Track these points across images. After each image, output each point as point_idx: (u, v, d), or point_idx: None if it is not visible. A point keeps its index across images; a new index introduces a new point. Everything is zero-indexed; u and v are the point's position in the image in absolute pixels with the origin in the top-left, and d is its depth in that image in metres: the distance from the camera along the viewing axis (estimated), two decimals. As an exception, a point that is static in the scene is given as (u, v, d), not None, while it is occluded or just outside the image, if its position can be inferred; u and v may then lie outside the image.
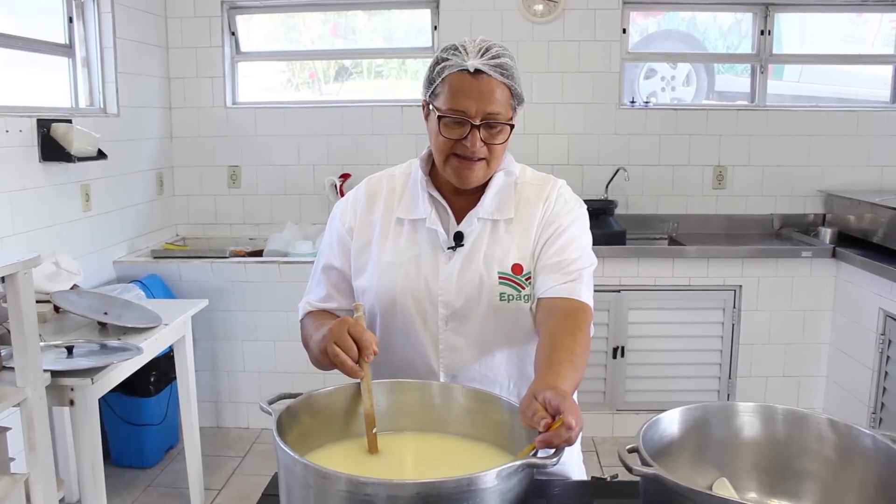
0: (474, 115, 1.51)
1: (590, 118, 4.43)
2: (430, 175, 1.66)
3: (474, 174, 1.56)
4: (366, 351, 1.35)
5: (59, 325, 2.92)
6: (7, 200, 3.04)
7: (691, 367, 4.03)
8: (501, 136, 1.55)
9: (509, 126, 1.55)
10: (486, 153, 1.54)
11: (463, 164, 1.55)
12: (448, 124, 1.53)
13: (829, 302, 3.93)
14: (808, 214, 4.46)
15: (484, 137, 1.52)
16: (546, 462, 1.10)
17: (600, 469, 3.55)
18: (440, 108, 1.53)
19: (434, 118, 1.55)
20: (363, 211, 1.68)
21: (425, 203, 1.63)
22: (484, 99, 1.50)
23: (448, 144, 1.54)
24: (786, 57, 4.57)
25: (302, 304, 1.73)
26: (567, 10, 4.32)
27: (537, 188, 1.65)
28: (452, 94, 1.51)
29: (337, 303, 1.69)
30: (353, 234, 1.67)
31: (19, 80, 3.44)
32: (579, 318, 1.50)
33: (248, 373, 4.07)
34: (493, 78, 1.50)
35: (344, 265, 1.68)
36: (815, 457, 1.31)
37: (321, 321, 1.60)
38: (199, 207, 4.65)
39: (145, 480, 3.57)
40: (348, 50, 4.76)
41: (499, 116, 1.52)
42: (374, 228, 1.65)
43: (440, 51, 1.57)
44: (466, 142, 1.52)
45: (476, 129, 1.51)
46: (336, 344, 1.35)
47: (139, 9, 4.14)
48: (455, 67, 1.51)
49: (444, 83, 1.53)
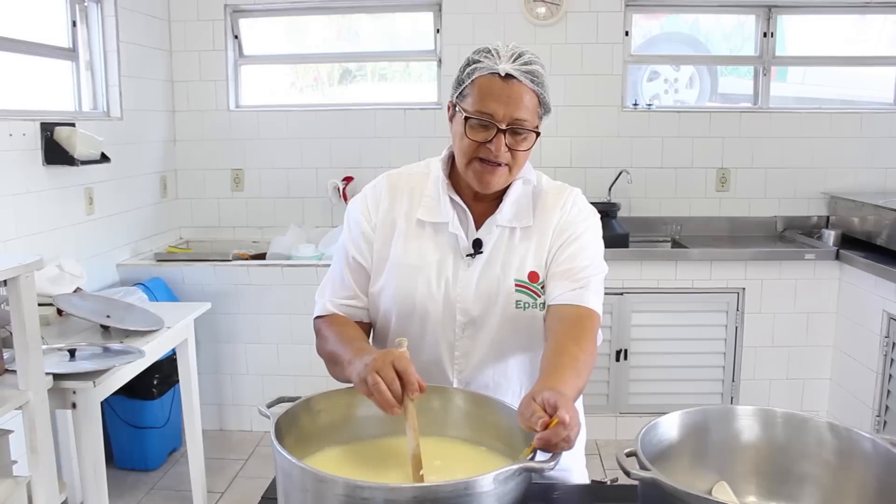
0: (501, 120, 1.50)
1: (592, 121, 4.43)
2: (450, 178, 1.65)
3: (496, 179, 1.56)
4: (411, 387, 1.27)
5: (62, 328, 2.92)
6: (11, 204, 3.04)
7: (694, 370, 4.02)
8: (526, 142, 1.54)
9: (535, 133, 1.54)
10: (509, 159, 1.54)
11: (486, 168, 1.54)
12: (474, 126, 1.52)
13: (833, 304, 3.92)
14: (812, 217, 4.45)
15: (509, 143, 1.52)
16: (543, 466, 1.10)
17: (603, 472, 3.53)
18: (467, 110, 1.52)
19: (460, 119, 1.54)
20: (386, 208, 1.66)
21: (447, 207, 1.62)
22: (512, 104, 1.50)
23: (472, 147, 1.53)
24: (789, 59, 4.57)
25: (323, 302, 1.66)
26: (569, 12, 4.32)
27: (553, 196, 1.65)
28: (481, 97, 1.51)
29: (361, 302, 1.66)
30: (377, 230, 1.65)
31: (23, 84, 3.45)
32: (586, 325, 1.50)
33: (251, 376, 4.07)
34: (523, 84, 1.50)
35: (368, 262, 1.65)
36: (814, 460, 1.31)
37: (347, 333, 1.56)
38: (203, 210, 4.65)
39: (148, 483, 3.57)
40: (349, 53, 4.76)
41: (525, 123, 1.52)
42: (395, 227, 1.64)
43: (472, 52, 1.56)
44: (491, 145, 1.51)
45: (502, 133, 1.50)
46: (378, 374, 1.27)
47: (142, 12, 4.15)
48: (486, 70, 1.51)
49: (474, 85, 1.52)
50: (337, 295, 1.66)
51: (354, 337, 1.55)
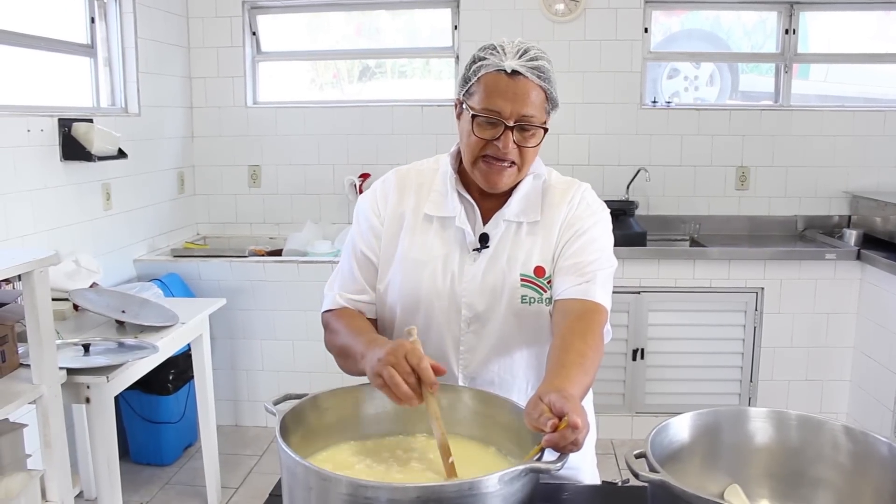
0: (508, 117, 1.49)
1: (611, 118, 4.40)
2: (459, 173, 1.64)
3: (503, 179, 1.54)
4: (427, 381, 1.25)
5: (78, 322, 2.94)
6: (29, 199, 3.06)
7: (712, 370, 3.99)
8: (534, 139, 1.53)
9: (543, 130, 1.53)
10: (516, 156, 1.52)
11: (493, 168, 1.53)
12: (481, 124, 1.51)
13: (854, 305, 3.87)
14: (833, 216, 4.39)
15: (517, 140, 1.50)
16: (550, 467, 1.08)
17: (618, 472, 3.52)
18: (474, 108, 1.51)
19: (467, 117, 1.53)
20: (394, 202, 1.65)
21: (455, 201, 1.61)
22: (519, 100, 1.48)
23: (479, 145, 1.52)
24: (810, 56, 4.51)
25: (332, 296, 1.65)
26: (588, 9, 4.29)
27: (562, 191, 1.63)
28: (487, 94, 1.49)
29: (370, 297, 1.64)
30: (385, 224, 1.64)
31: (41, 80, 3.48)
32: (592, 320, 1.48)
33: (267, 372, 4.08)
34: (529, 80, 1.49)
35: (377, 256, 1.64)
36: (829, 464, 1.28)
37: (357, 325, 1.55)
38: (220, 206, 4.67)
39: (163, 478, 3.59)
40: (367, 50, 4.76)
41: (533, 119, 1.50)
42: (402, 221, 1.63)
43: (478, 49, 1.55)
44: (498, 143, 1.50)
45: (509, 130, 1.49)
46: (393, 367, 1.26)
47: (161, 9, 4.16)
48: (492, 67, 1.50)
49: (480, 82, 1.51)
50: (346, 289, 1.65)
51: (365, 329, 1.54)
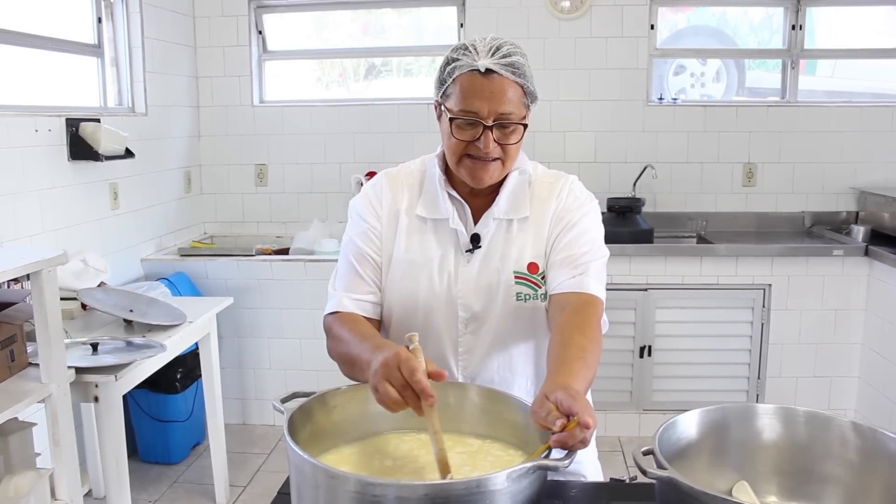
0: (486, 116, 1.48)
1: (617, 115, 4.39)
2: (446, 173, 1.63)
3: (489, 174, 1.54)
4: (422, 395, 1.16)
5: (86, 322, 2.95)
6: (36, 199, 3.07)
7: (719, 367, 3.98)
8: (515, 135, 1.52)
9: (523, 125, 1.52)
10: (499, 153, 1.52)
11: (477, 164, 1.53)
12: (460, 126, 1.50)
13: (862, 301, 3.85)
14: (841, 212, 4.38)
15: (497, 138, 1.50)
16: (558, 464, 1.08)
17: (626, 469, 3.51)
18: (452, 110, 1.51)
19: (446, 119, 1.53)
20: (389, 202, 1.65)
21: (446, 202, 1.61)
22: (496, 99, 1.47)
23: (461, 146, 1.52)
24: (817, 52, 4.49)
25: (339, 297, 1.60)
26: (594, 6, 4.28)
27: (549, 185, 1.63)
28: (464, 96, 1.49)
29: (377, 297, 1.63)
30: (383, 223, 1.63)
31: (49, 80, 3.49)
32: (589, 313, 1.48)
33: (274, 370, 4.09)
34: (504, 77, 1.48)
35: (379, 256, 1.63)
36: (837, 460, 1.28)
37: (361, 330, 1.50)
38: (226, 205, 4.68)
39: (171, 476, 3.60)
40: (373, 48, 4.76)
41: (511, 116, 1.49)
42: (396, 223, 1.63)
43: (451, 51, 1.54)
44: (479, 143, 1.49)
45: (489, 129, 1.49)
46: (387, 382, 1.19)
47: (167, 8, 4.17)
48: (465, 68, 1.49)
49: (456, 84, 1.50)
50: (353, 290, 1.61)
51: (368, 335, 1.49)
